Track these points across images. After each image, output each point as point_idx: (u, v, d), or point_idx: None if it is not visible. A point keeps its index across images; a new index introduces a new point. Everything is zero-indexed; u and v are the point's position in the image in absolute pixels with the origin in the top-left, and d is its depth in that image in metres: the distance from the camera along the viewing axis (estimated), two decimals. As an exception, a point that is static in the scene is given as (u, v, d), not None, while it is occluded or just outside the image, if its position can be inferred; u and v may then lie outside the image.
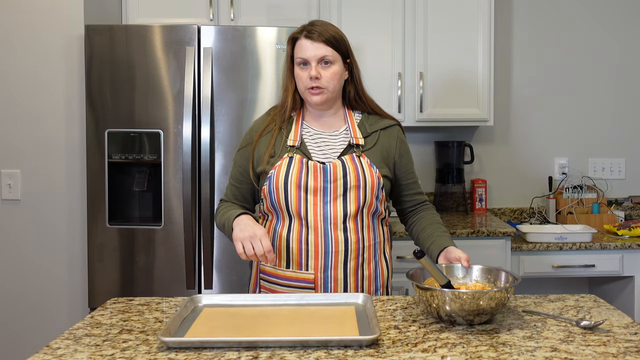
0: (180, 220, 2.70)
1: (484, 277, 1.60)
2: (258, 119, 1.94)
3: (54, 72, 2.83)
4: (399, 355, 1.25)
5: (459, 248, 1.76)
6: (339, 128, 1.85)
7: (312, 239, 1.74)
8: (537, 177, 3.61)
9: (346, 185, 1.74)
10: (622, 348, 1.29)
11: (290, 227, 1.76)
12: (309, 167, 1.75)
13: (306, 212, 1.74)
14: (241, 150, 1.89)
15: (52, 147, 2.83)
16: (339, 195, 1.74)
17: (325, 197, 1.74)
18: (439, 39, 3.17)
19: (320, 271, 1.75)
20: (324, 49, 1.76)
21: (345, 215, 1.75)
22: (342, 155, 1.79)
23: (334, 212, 1.74)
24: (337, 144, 1.82)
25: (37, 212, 2.84)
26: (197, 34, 2.70)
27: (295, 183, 1.74)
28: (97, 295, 2.72)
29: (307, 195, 1.74)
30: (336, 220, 1.74)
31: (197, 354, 1.26)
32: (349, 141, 1.81)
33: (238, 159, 1.89)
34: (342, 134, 1.83)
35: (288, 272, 1.77)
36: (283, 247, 1.77)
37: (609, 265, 3.02)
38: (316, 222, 1.74)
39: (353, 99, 1.86)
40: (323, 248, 1.74)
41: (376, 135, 1.84)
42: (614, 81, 3.62)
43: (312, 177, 1.74)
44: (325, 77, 1.76)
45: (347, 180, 1.74)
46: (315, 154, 1.79)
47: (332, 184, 1.74)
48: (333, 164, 1.76)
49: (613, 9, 3.60)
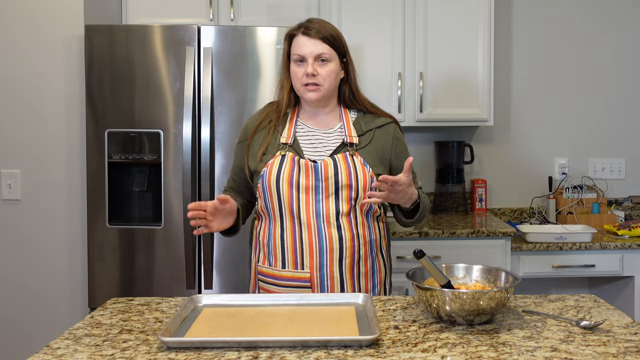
0: (180, 220, 2.70)
1: (484, 277, 1.60)
2: (253, 115, 1.95)
3: (54, 72, 2.83)
4: (399, 355, 1.25)
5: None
6: (333, 126, 1.84)
7: (306, 238, 1.74)
8: (537, 177, 3.61)
9: (337, 184, 1.74)
10: (622, 348, 1.29)
11: (283, 227, 1.77)
12: (301, 165, 1.75)
13: (299, 209, 1.74)
14: (239, 144, 1.91)
15: (52, 147, 2.83)
16: (331, 193, 1.75)
17: (317, 195, 1.75)
18: (439, 39, 3.17)
19: (315, 269, 1.75)
20: (321, 46, 1.76)
21: (337, 212, 1.75)
22: (335, 154, 1.79)
23: (326, 209, 1.74)
24: (331, 141, 1.81)
25: (37, 212, 2.84)
26: (197, 34, 2.70)
27: (287, 181, 1.74)
28: (97, 295, 2.72)
29: (299, 194, 1.74)
30: (329, 216, 1.74)
31: (197, 354, 1.26)
32: (342, 139, 1.81)
33: (237, 152, 1.92)
34: (336, 132, 1.83)
35: (284, 272, 1.77)
36: (278, 247, 1.77)
37: (609, 265, 3.02)
38: (309, 220, 1.74)
39: (348, 98, 1.86)
40: (318, 246, 1.74)
41: (371, 134, 1.84)
42: (614, 81, 3.62)
43: (303, 175, 1.74)
44: (321, 75, 1.76)
45: (339, 179, 1.74)
46: (307, 151, 1.80)
47: (324, 182, 1.74)
48: (324, 162, 1.76)
49: (613, 9, 3.59)
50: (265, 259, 1.81)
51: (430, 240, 2.90)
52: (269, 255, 1.80)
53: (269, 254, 1.80)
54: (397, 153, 1.87)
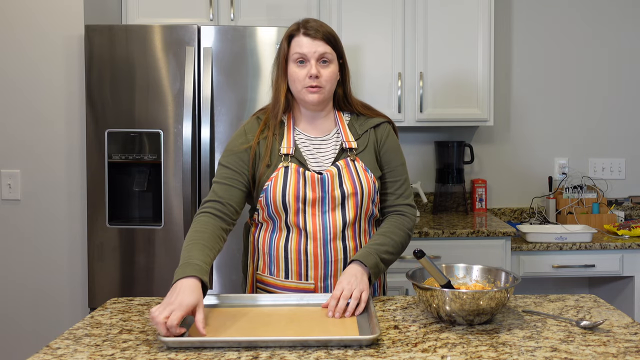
0: (180, 220, 2.70)
1: (484, 277, 1.60)
2: (249, 124, 1.80)
3: (54, 72, 2.83)
4: (399, 355, 1.25)
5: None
6: (329, 131, 1.79)
7: (312, 249, 1.70)
8: (537, 177, 3.61)
9: (344, 194, 1.69)
10: (622, 348, 1.29)
11: (288, 237, 1.72)
12: (307, 178, 1.69)
13: (305, 223, 1.69)
14: (236, 154, 1.73)
15: (52, 147, 2.83)
16: (337, 204, 1.70)
17: (324, 206, 1.70)
18: (439, 39, 3.17)
19: (320, 280, 1.71)
20: (323, 46, 1.70)
21: (344, 224, 1.71)
22: (336, 161, 1.73)
23: (332, 222, 1.70)
24: (329, 149, 1.76)
25: (37, 212, 2.84)
26: (197, 34, 2.70)
27: (294, 195, 1.67)
28: (97, 295, 2.72)
29: (305, 207, 1.69)
30: (335, 230, 1.70)
31: (197, 354, 1.26)
32: (340, 145, 1.76)
33: (232, 161, 1.73)
34: (333, 138, 1.78)
35: (287, 282, 1.73)
36: (281, 257, 1.72)
37: (609, 265, 3.02)
38: (315, 233, 1.69)
39: (341, 100, 1.81)
40: (323, 258, 1.70)
41: (367, 136, 1.79)
42: (614, 81, 3.62)
43: (310, 189, 1.68)
44: (324, 76, 1.71)
45: (344, 188, 1.70)
46: (310, 162, 1.73)
47: (330, 194, 1.69)
48: (330, 172, 1.70)
49: (613, 9, 3.59)
50: (266, 267, 1.76)
51: (430, 240, 2.90)
52: (270, 265, 1.75)
53: (271, 263, 1.75)
54: (386, 150, 1.80)
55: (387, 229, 1.74)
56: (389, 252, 1.68)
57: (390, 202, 1.80)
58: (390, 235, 1.71)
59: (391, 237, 1.71)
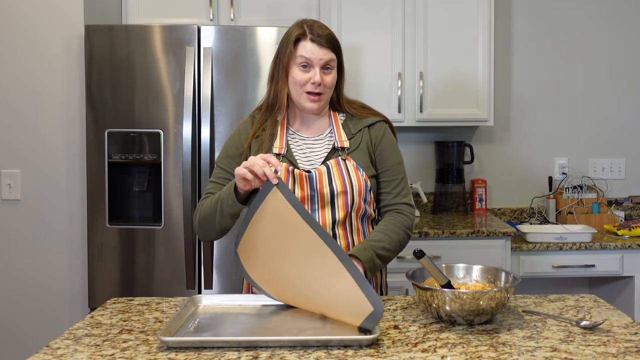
0: (180, 220, 2.70)
1: (484, 277, 1.60)
2: (243, 124, 1.83)
3: (54, 72, 2.83)
4: (399, 355, 1.25)
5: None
6: (323, 131, 1.80)
7: None
8: (537, 177, 3.61)
9: (333, 192, 1.70)
10: (622, 348, 1.29)
11: None
12: (295, 176, 1.70)
13: None
14: (231, 157, 1.78)
15: (52, 147, 2.83)
16: (327, 202, 1.70)
17: (313, 204, 1.71)
18: (439, 39, 3.17)
19: None
20: (329, 54, 1.71)
21: (334, 221, 1.71)
22: (327, 160, 1.74)
23: (322, 219, 1.70)
24: (322, 149, 1.77)
25: (37, 212, 2.84)
26: (197, 34, 2.70)
27: None
28: (97, 295, 2.72)
29: None
30: (325, 227, 1.70)
31: (197, 354, 1.26)
32: (333, 144, 1.77)
33: (227, 163, 1.78)
34: (326, 137, 1.79)
35: None
36: None
37: (609, 265, 3.02)
38: None
39: (336, 101, 1.82)
40: None
41: (360, 135, 1.79)
42: (614, 81, 3.62)
43: (298, 186, 1.70)
44: (326, 84, 1.72)
45: (334, 187, 1.70)
46: (301, 161, 1.75)
47: (319, 192, 1.70)
48: (319, 171, 1.71)
49: (613, 9, 3.60)
50: None
51: (430, 240, 2.90)
52: None
53: None
54: (382, 149, 1.80)
55: (384, 226, 1.74)
56: (386, 248, 1.68)
57: (387, 201, 1.80)
58: (387, 232, 1.71)
59: (388, 234, 1.71)
